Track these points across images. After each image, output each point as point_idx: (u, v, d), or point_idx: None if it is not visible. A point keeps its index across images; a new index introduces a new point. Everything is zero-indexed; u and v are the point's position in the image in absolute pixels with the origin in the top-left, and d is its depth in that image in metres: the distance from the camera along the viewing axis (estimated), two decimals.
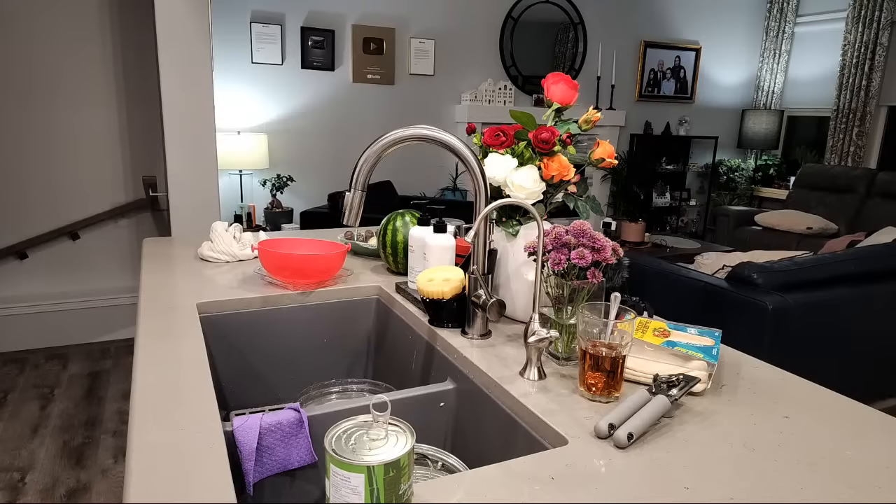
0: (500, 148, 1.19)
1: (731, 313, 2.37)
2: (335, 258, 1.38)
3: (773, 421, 0.84)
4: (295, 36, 4.41)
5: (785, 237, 4.78)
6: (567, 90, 1.20)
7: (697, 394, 0.91)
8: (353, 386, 1.29)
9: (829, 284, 2.42)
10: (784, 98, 6.10)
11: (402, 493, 0.57)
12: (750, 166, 6.18)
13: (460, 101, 5.01)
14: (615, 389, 0.89)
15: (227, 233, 1.57)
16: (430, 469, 0.94)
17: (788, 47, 5.97)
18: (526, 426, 0.87)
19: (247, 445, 0.86)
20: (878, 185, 4.77)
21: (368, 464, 0.56)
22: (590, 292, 1.00)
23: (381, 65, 4.70)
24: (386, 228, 1.47)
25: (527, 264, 1.16)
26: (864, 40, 5.20)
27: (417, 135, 1.02)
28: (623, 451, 0.75)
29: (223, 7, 4.14)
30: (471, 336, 1.10)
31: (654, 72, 5.82)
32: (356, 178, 1.00)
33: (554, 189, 1.18)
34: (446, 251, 1.25)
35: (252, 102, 4.37)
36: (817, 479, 0.71)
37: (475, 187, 1.08)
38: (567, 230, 1.04)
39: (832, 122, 5.51)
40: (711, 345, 0.98)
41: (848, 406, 0.90)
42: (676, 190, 5.89)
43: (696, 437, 0.79)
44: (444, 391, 1.05)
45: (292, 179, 4.47)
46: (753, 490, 0.69)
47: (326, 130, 4.63)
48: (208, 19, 2.37)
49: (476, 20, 4.95)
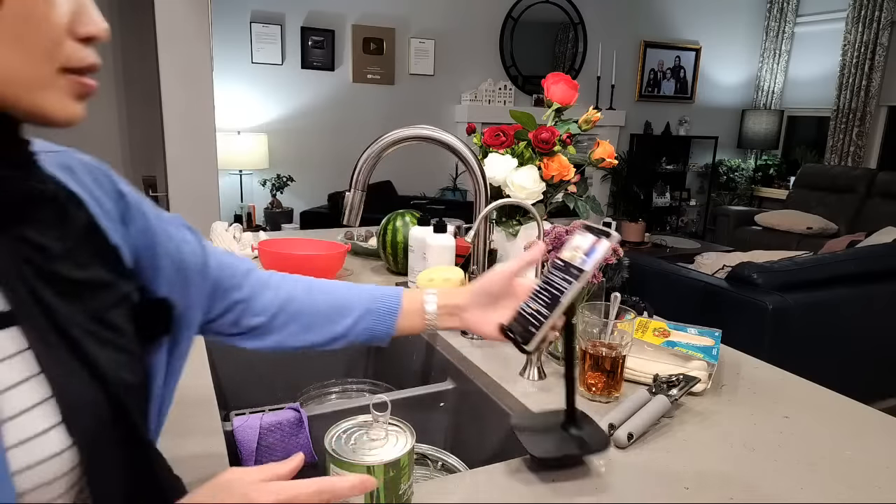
0: (500, 148, 1.19)
1: (731, 313, 2.37)
2: (335, 258, 1.38)
3: (773, 421, 0.84)
4: (295, 36, 4.41)
5: (785, 237, 4.78)
6: (567, 90, 1.20)
7: (697, 394, 0.91)
8: (352, 386, 1.29)
9: (829, 284, 2.42)
10: (784, 98, 6.10)
11: (403, 492, 0.57)
12: (750, 166, 6.18)
13: (460, 101, 5.01)
14: (615, 389, 0.89)
15: (227, 233, 1.57)
16: (430, 469, 0.94)
17: (788, 47, 5.97)
18: None
19: (247, 445, 0.86)
20: (878, 185, 4.77)
21: (369, 464, 0.56)
22: (590, 292, 1.00)
23: (381, 65, 4.70)
24: (386, 228, 1.47)
25: None
26: (864, 40, 5.20)
27: (417, 135, 1.02)
28: (623, 451, 0.75)
29: (223, 7, 4.14)
30: (471, 336, 1.10)
31: (654, 72, 5.81)
32: (356, 178, 1.00)
33: (554, 189, 1.18)
34: (446, 251, 1.25)
35: (252, 102, 4.37)
36: (817, 479, 0.71)
37: (475, 187, 1.08)
38: (567, 230, 1.04)
39: (832, 122, 5.51)
40: (711, 345, 0.98)
41: (848, 406, 0.90)
42: (676, 190, 5.89)
43: (696, 437, 0.79)
44: (444, 391, 1.05)
45: (292, 179, 4.47)
46: (753, 490, 0.69)
47: (326, 130, 4.62)
48: (208, 19, 2.37)
49: (476, 20, 4.95)
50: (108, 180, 0.56)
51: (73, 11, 0.43)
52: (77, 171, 0.54)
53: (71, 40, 0.43)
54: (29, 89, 0.42)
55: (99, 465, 0.45)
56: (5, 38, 0.40)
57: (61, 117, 0.44)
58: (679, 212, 6.02)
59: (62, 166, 0.53)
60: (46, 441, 0.42)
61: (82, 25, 0.44)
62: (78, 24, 0.43)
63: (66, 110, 0.44)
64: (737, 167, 6.14)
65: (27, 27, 0.40)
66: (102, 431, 0.45)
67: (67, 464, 0.43)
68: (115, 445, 0.46)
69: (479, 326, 0.72)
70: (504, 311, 0.71)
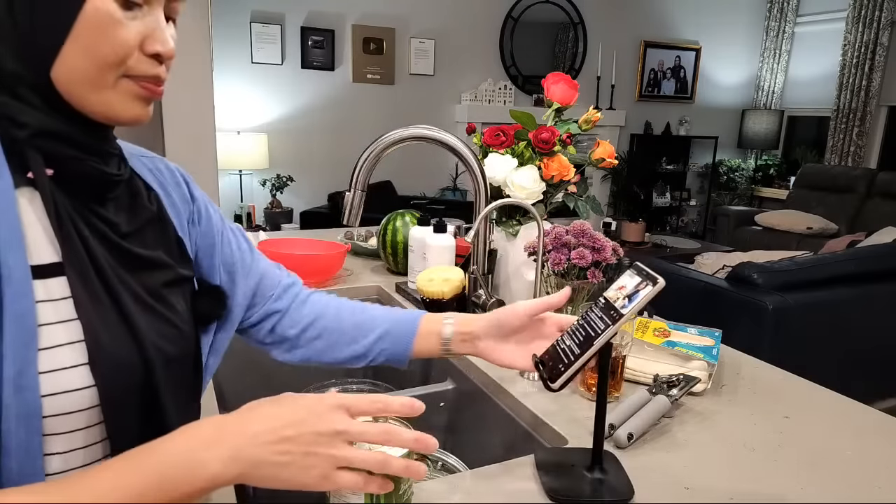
0: (500, 148, 1.19)
1: (731, 313, 2.37)
2: (335, 258, 1.38)
3: (773, 421, 0.84)
4: (295, 36, 4.41)
5: (785, 237, 4.78)
6: (567, 90, 1.20)
7: (697, 394, 0.91)
8: (352, 386, 1.29)
9: (829, 284, 2.42)
10: (784, 98, 6.09)
11: (402, 493, 0.57)
12: (750, 166, 6.18)
13: (460, 101, 5.01)
14: (615, 389, 0.89)
15: None
16: (430, 469, 0.94)
17: (788, 47, 5.97)
18: (526, 426, 0.87)
19: None
20: (878, 185, 4.76)
21: None
22: (590, 292, 1.00)
23: (381, 65, 4.70)
24: (386, 228, 1.47)
25: (527, 264, 1.16)
26: (864, 40, 5.20)
27: (417, 135, 1.02)
28: (623, 451, 0.75)
29: (223, 7, 4.14)
30: None
31: (654, 72, 5.81)
32: (356, 178, 1.00)
33: (554, 189, 1.18)
34: (446, 251, 1.25)
35: (252, 102, 4.37)
36: (817, 479, 0.71)
37: (475, 187, 1.08)
38: (567, 230, 1.04)
39: (832, 122, 5.51)
40: (711, 345, 0.98)
41: (848, 406, 0.90)
42: (676, 190, 5.89)
43: (696, 437, 0.79)
44: (444, 391, 1.05)
45: (292, 179, 4.47)
46: (753, 490, 0.69)
47: (326, 130, 4.62)
48: (208, 19, 2.37)
49: (476, 20, 4.95)
50: (185, 185, 0.67)
51: (145, 33, 0.51)
52: (162, 173, 0.65)
53: (140, 55, 0.52)
54: (94, 89, 0.50)
55: (119, 416, 0.51)
56: (78, 45, 0.49)
57: (125, 116, 0.53)
58: (679, 212, 6.02)
59: (149, 167, 0.64)
60: (70, 376, 0.49)
61: (151, 44, 0.52)
62: (148, 42, 0.52)
63: (130, 111, 0.53)
64: (737, 167, 6.14)
65: (97, 40, 0.49)
66: (128, 387, 0.52)
67: (87, 401, 0.50)
68: (139, 406, 0.53)
69: (492, 355, 0.74)
70: (518, 347, 0.73)
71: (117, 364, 0.51)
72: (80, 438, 0.51)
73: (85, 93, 0.50)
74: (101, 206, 0.54)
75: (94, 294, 0.51)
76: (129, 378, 0.52)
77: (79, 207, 0.52)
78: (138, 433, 0.52)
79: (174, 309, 0.58)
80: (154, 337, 0.54)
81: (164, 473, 0.45)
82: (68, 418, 0.49)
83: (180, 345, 0.58)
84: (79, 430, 0.50)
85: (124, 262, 0.54)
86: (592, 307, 0.67)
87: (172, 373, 0.56)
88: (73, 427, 0.50)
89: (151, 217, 0.59)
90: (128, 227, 0.56)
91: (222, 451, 0.46)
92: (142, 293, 0.55)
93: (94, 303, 0.50)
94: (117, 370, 0.51)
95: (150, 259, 0.57)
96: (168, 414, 0.55)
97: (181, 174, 0.68)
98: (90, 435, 0.51)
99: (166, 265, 0.59)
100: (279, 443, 0.47)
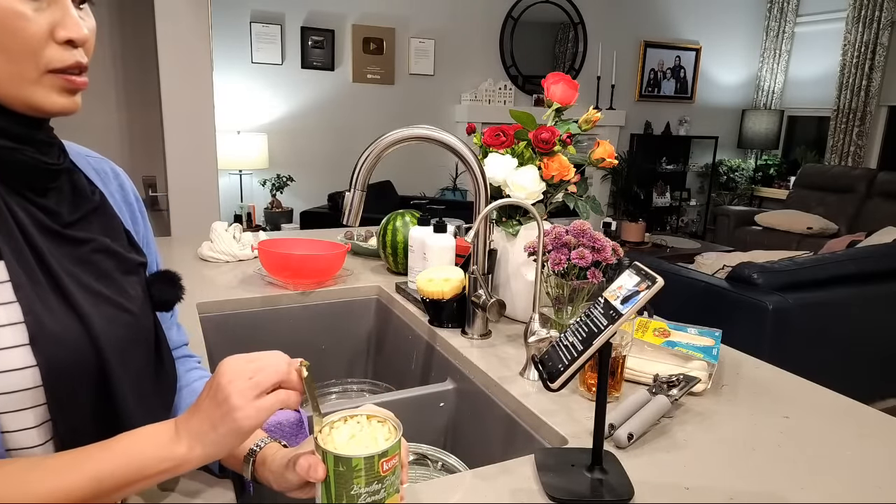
0: (500, 148, 1.19)
1: (731, 313, 2.37)
2: (335, 258, 1.38)
3: (773, 421, 0.84)
4: (295, 36, 4.41)
5: (785, 237, 4.78)
6: (567, 90, 1.20)
7: (697, 394, 0.91)
8: (353, 386, 1.29)
9: (829, 284, 2.42)
10: (784, 98, 6.09)
11: (355, 493, 0.53)
12: (750, 166, 6.18)
13: (460, 101, 5.01)
14: (615, 389, 0.89)
15: (227, 233, 1.57)
16: (430, 469, 0.94)
17: (788, 47, 5.97)
18: (526, 426, 0.87)
19: None
20: (878, 185, 4.76)
21: (326, 448, 0.54)
22: (590, 292, 1.00)
23: (381, 65, 4.70)
24: (386, 228, 1.47)
25: (527, 264, 1.16)
26: (864, 40, 5.20)
27: (417, 135, 1.02)
28: (623, 451, 0.75)
29: (223, 7, 4.14)
30: (471, 336, 1.10)
31: (654, 72, 5.81)
32: (356, 178, 1.00)
33: (554, 189, 1.18)
34: (446, 251, 1.25)
35: (252, 102, 4.37)
36: (817, 479, 0.71)
37: (475, 187, 1.08)
38: (567, 230, 1.04)
39: (832, 122, 5.51)
40: (711, 345, 0.98)
41: (848, 406, 0.90)
42: (676, 190, 5.89)
43: (696, 437, 0.79)
44: (444, 391, 1.05)
45: (292, 179, 4.47)
46: (753, 490, 0.69)
47: (326, 130, 4.62)
48: (208, 19, 2.37)
49: (476, 20, 4.95)
50: (128, 186, 0.70)
51: (53, 21, 0.52)
52: (107, 174, 0.68)
53: (54, 44, 0.52)
54: (16, 86, 0.52)
55: (66, 395, 0.53)
56: None
57: (52, 109, 0.54)
58: (679, 212, 6.02)
59: (95, 167, 0.66)
60: (11, 355, 0.51)
61: (61, 31, 0.52)
62: (58, 30, 0.52)
63: (56, 104, 0.54)
64: (737, 167, 6.14)
65: (5, 37, 0.50)
66: (73, 367, 0.53)
67: (30, 381, 0.51)
68: (89, 386, 0.54)
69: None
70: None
71: (60, 343, 0.52)
72: (31, 417, 0.53)
73: (9, 90, 0.51)
74: (41, 196, 0.55)
75: (33, 277, 0.53)
76: (73, 357, 0.53)
77: (15, 197, 0.54)
78: (90, 413, 0.55)
79: (126, 294, 0.60)
80: (100, 320, 0.55)
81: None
82: (12, 397, 0.51)
83: (134, 328, 0.59)
84: (26, 409, 0.52)
85: (67, 249, 0.56)
86: (592, 307, 0.67)
87: (128, 356, 0.57)
88: (20, 406, 0.52)
89: (95, 207, 0.61)
90: (70, 217, 0.58)
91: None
92: (87, 279, 0.56)
93: (33, 285, 0.52)
94: (60, 349, 0.52)
95: (96, 246, 0.59)
96: (122, 396, 0.56)
97: (124, 177, 0.71)
98: (40, 414, 0.53)
99: (114, 252, 0.61)
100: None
